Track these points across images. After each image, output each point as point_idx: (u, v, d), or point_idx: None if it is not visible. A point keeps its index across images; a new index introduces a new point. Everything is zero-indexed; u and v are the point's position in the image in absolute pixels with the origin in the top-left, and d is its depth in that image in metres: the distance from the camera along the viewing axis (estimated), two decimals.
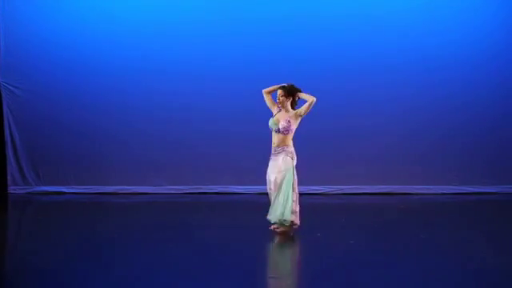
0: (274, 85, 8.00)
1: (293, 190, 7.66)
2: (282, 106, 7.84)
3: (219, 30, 11.75)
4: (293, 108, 7.85)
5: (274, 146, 7.82)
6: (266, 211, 7.91)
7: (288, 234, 7.64)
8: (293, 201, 7.62)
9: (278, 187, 7.67)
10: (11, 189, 11.86)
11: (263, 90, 8.03)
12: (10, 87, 11.77)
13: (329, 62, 11.65)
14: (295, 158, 7.77)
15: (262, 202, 8.35)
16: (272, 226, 7.82)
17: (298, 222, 7.67)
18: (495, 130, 11.78)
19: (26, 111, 11.81)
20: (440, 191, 11.70)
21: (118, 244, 7.36)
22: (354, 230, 8.16)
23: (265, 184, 7.98)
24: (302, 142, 8.04)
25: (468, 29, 11.75)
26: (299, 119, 7.77)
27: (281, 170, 7.69)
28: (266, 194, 7.93)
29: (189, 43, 11.75)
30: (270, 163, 7.83)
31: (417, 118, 11.76)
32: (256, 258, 6.81)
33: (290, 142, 7.77)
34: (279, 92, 7.85)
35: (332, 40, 11.71)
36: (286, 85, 7.87)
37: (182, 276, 5.95)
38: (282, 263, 6.80)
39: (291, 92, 7.81)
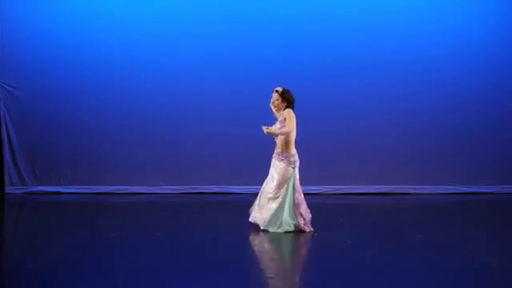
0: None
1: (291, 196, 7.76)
2: (277, 110, 7.88)
3: (218, 31, 11.76)
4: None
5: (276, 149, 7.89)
6: None
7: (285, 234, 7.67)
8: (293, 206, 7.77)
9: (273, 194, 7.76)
10: (8, 189, 11.88)
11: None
12: (7, 87, 11.78)
13: (327, 63, 11.67)
14: (296, 162, 7.80)
15: None
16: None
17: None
18: (492, 131, 11.81)
19: (23, 111, 11.82)
20: (437, 191, 11.73)
21: (115, 244, 7.36)
22: (352, 229, 8.16)
23: (262, 184, 8.03)
24: (299, 142, 8.03)
25: (466, 29, 11.78)
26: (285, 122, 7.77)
27: (276, 178, 7.80)
28: None
29: (188, 44, 11.77)
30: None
31: (414, 118, 11.79)
32: (254, 257, 6.81)
33: (290, 146, 7.77)
34: (274, 96, 7.88)
35: (330, 41, 11.73)
36: (279, 89, 7.88)
37: (181, 276, 5.95)
38: (280, 263, 6.80)
39: (284, 96, 7.83)
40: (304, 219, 7.78)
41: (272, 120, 8.02)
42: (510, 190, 11.77)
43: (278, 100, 7.87)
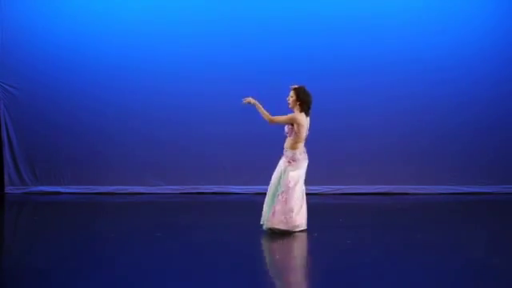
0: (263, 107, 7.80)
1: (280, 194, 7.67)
2: (291, 108, 7.76)
3: (217, 30, 11.74)
4: (306, 114, 7.77)
5: None
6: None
7: (285, 234, 7.66)
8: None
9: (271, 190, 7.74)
10: (8, 189, 11.87)
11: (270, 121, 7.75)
12: (7, 87, 11.77)
13: (327, 63, 11.65)
14: (295, 162, 7.70)
15: (259, 201, 8.35)
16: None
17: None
18: (492, 131, 11.79)
19: (23, 111, 11.81)
20: (437, 191, 11.72)
21: (115, 244, 7.36)
22: (351, 229, 8.16)
23: (262, 184, 8.03)
24: None
25: (466, 29, 11.75)
26: (292, 124, 7.70)
27: (277, 172, 7.75)
28: (263, 193, 7.96)
29: (189, 44, 11.74)
30: None
31: (414, 118, 11.77)
32: (253, 257, 6.81)
33: (295, 146, 7.73)
34: (290, 93, 7.75)
35: (330, 40, 11.70)
36: (295, 86, 7.81)
37: (181, 276, 5.95)
38: (279, 263, 6.80)
39: (299, 95, 7.72)
40: (273, 213, 7.61)
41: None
42: (510, 189, 11.76)
43: (292, 97, 7.72)
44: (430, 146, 11.81)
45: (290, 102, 7.74)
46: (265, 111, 7.73)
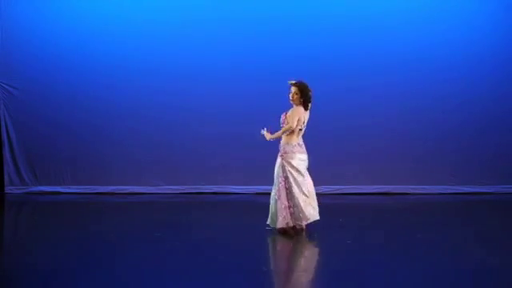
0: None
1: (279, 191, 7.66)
2: (294, 103, 7.72)
3: (217, 30, 11.75)
4: (305, 108, 7.75)
5: None
6: (264, 211, 7.93)
7: (286, 234, 7.66)
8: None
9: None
10: (8, 189, 11.88)
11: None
12: (7, 87, 11.78)
13: (328, 62, 11.64)
14: (286, 154, 7.64)
15: (259, 201, 8.36)
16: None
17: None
18: (492, 131, 11.79)
19: (23, 111, 11.82)
20: (437, 191, 11.72)
21: (115, 244, 7.36)
22: (352, 229, 8.16)
23: (262, 184, 8.02)
24: None
25: (466, 29, 11.75)
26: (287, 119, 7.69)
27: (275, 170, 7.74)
28: (263, 193, 7.96)
29: (188, 44, 11.76)
30: None
31: (414, 118, 11.77)
32: (253, 257, 6.80)
33: (287, 139, 7.72)
34: (293, 89, 7.72)
35: (331, 40, 11.70)
36: (297, 82, 7.75)
37: (181, 276, 5.95)
38: (279, 263, 6.80)
39: (304, 92, 7.69)
40: (284, 216, 7.59)
41: (271, 120, 8.00)
42: (510, 189, 11.76)
43: (296, 95, 7.67)
44: (430, 146, 11.81)
45: (293, 98, 7.69)
46: (278, 132, 7.71)
